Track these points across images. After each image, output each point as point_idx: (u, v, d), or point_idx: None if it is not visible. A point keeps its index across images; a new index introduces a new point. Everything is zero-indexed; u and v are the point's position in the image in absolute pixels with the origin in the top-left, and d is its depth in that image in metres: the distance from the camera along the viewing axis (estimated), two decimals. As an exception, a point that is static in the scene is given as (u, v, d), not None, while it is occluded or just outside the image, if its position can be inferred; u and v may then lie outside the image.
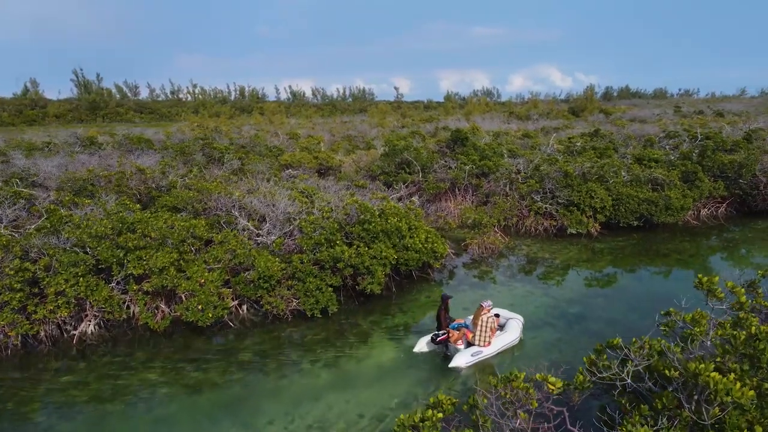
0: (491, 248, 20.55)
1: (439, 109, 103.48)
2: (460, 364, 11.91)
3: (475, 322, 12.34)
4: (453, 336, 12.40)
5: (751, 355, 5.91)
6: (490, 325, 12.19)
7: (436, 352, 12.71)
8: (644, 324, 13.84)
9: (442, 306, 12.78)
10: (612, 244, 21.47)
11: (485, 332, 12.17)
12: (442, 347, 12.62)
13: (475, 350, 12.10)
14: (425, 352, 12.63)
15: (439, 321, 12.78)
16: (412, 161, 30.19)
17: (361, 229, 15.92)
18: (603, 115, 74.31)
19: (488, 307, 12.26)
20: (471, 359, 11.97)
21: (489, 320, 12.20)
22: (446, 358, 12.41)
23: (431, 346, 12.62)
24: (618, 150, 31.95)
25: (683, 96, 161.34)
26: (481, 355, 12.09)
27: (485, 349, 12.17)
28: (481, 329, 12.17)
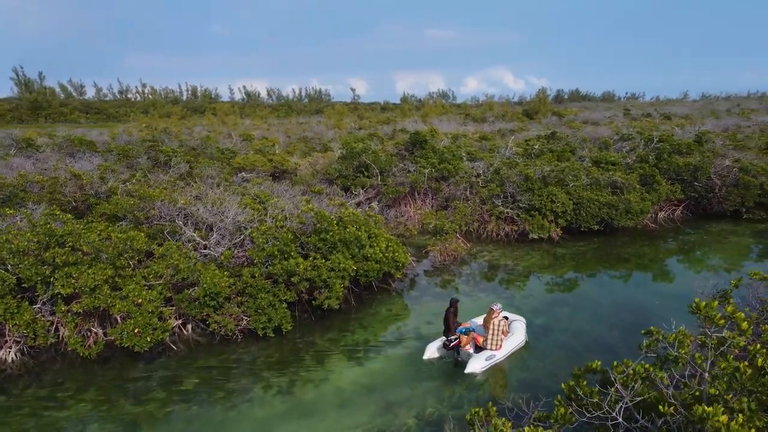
0: (453, 255, 19.85)
1: (396, 111, 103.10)
2: (476, 369, 11.68)
3: (487, 325, 12.21)
4: (462, 340, 12.14)
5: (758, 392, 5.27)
6: (501, 328, 12.10)
7: (445, 359, 12.34)
8: (612, 335, 13.44)
9: (450, 309, 12.44)
10: (574, 249, 21.12)
11: (497, 335, 12.08)
12: (453, 353, 12.28)
13: (488, 354, 11.95)
14: (435, 358, 12.26)
15: (448, 325, 12.36)
16: (371, 164, 29.28)
17: (317, 239, 14.88)
18: (556, 117, 75.51)
19: (498, 310, 12.15)
20: (485, 364, 11.81)
21: (501, 323, 12.10)
22: (457, 363, 12.14)
23: (442, 351, 12.30)
24: (575, 152, 31.95)
25: (630, 99, 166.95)
26: (494, 359, 11.96)
27: (497, 352, 12.06)
28: (493, 333, 12.08)
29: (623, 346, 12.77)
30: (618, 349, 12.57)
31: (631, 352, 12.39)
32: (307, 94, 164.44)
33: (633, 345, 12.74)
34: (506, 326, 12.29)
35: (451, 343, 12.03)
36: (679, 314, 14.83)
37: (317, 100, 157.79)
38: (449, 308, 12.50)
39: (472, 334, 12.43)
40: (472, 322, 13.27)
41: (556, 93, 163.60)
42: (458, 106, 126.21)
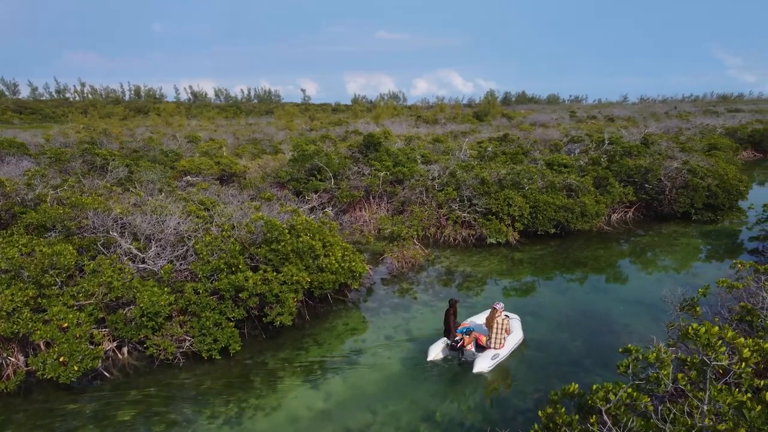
0: (411, 262, 19.16)
1: (348, 112, 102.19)
2: (483, 369, 11.71)
3: (490, 324, 12.30)
4: (464, 340, 12.22)
5: (767, 430, 4.74)
6: (504, 327, 12.26)
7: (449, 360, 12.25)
8: (577, 346, 13.02)
9: (450, 310, 12.47)
10: (531, 254, 20.82)
11: (500, 334, 12.21)
12: (458, 353, 12.22)
13: (493, 353, 12.04)
14: (440, 359, 12.23)
15: (448, 326, 12.39)
16: (324, 167, 28.30)
17: (268, 250, 13.83)
18: (506, 119, 76.48)
19: (501, 309, 12.31)
20: (492, 363, 11.88)
21: (503, 322, 12.25)
22: (461, 363, 12.09)
23: (446, 352, 12.33)
24: (527, 155, 31.96)
25: (574, 102, 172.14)
26: (499, 357, 12.06)
27: (501, 351, 12.18)
28: (497, 331, 12.21)
29: (590, 357, 12.37)
30: (584, 362, 12.16)
31: (599, 364, 12.02)
32: (256, 94, 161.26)
33: (600, 356, 12.38)
34: (508, 325, 12.48)
35: (457, 343, 12.03)
36: (643, 321, 14.65)
37: (267, 100, 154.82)
38: (449, 309, 12.49)
39: (474, 334, 12.61)
40: (471, 321, 13.48)
41: (504, 95, 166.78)
42: (409, 107, 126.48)
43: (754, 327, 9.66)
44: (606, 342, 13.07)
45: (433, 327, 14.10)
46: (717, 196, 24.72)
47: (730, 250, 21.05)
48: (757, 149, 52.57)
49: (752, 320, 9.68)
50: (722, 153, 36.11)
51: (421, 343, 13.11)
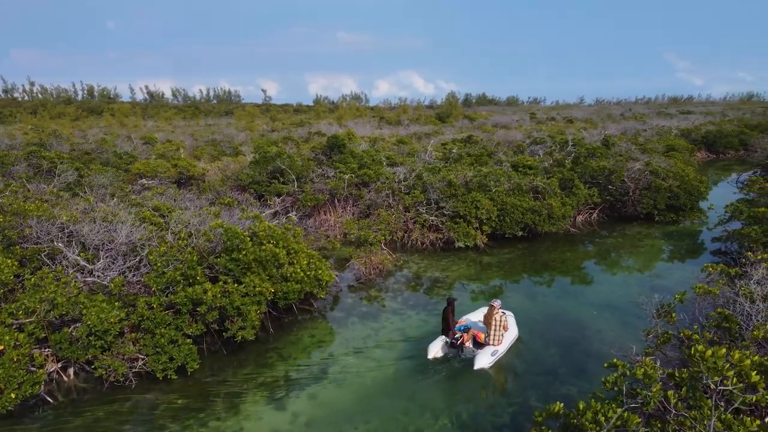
0: (379, 267, 18.58)
1: (310, 113, 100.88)
2: (485, 365, 11.93)
3: (488, 321, 12.50)
4: (464, 338, 12.52)
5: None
6: (502, 324, 12.46)
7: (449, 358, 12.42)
8: (551, 354, 12.72)
9: (448, 308, 12.63)
10: (500, 257, 20.54)
11: (499, 331, 12.42)
12: (457, 351, 12.45)
13: (493, 350, 12.27)
14: (440, 357, 12.41)
15: (447, 324, 12.56)
16: (286, 170, 27.45)
17: (228, 260, 13.01)
18: (468, 120, 76.76)
19: (498, 306, 12.50)
20: (492, 359, 12.10)
21: (501, 319, 12.45)
22: (461, 361, 12.28)
23: (445, 350, 12.53)
24: (492, 156, 31.85)
25: (533, 103, 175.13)
26: (498, 354, 12.29)
27: (500, 347, 12.41)
28: (495, 328, 12.42)
29: (565, 365, 12.04)
30: (559, 371, 11.82)
31: (574, 373, 11.69)
32: (215, 94, 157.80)
33: (575, 365, 12.06)
34: (506, 322, 12.66)
35: (457, 341, 12.30)
36: (615, 326, 14.41)
37: (227, 101, 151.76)
38: (447, 307, 12.67)
39: (472, 331, 12.84)
40: (466, 319, 13.69)
41: (465, 97, 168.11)
42: (372, 108, 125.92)
43: (732, 334, 9.47)
44: (580, 349, 12.80)
45: (404, 336, 13.60)
46: (679, 197, 25.05)
47: (694, 250, 21.26)
48: (710, 150, 54.14)
49: (730, 327, 9.49)
50: (680, 154, 36.87)
51: (392, 354, 12.57)
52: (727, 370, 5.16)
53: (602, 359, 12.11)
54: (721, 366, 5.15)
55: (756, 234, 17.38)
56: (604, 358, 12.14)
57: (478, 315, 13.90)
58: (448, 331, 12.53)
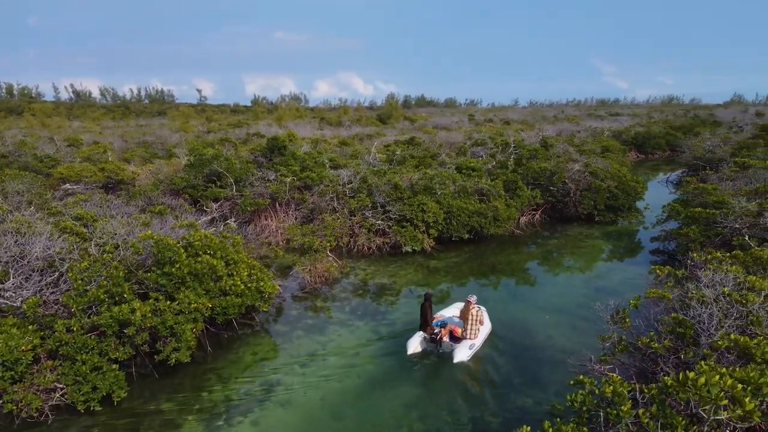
0: (324, 275, 17.78)
1: (248, 114, 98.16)
2: (464, 358, 12.23)
3: (465, 316, 12.86)
4: (442, 333, 12.80)
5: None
6: (478, 318, 12.89)
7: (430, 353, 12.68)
8: (501, 361, 12.46)
9: (426, 304, 12.95)
10: (447, 261, 20.21)
11: (475, 325, 12.80)
12: (436, 346, 12.70)
13: (470, 343, 12.57)
14: (419, 352, 12.65)
15: (425, 319, 12.88)
16: (224, 173, 26.15)
17: (160, 275, 11.87)
18: (408, 122, 76.87)
19: (474, 301, 12.92)
20: (469, 352, 12.40)
21: (477, 313, 12.87)
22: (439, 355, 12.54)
23: (424, 345, 12.79)
24: (435, 158, 31.65)
25: (470, 105, 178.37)
26: (475, 347, 12.62)
27: (476, 341, 12.74)
28: (472, 323, 12.76)
29: (519, 375, 11.70)
30: (514, 381, 11.46)
31: (528, 382, 11.34)
32: (147, 94, 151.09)
33: (529, 374, 11.70)
34: (482, 316, 13.22)
35: (436, 336, 12.61)
36: (564, 331, 14.17)
37: (159, 100, 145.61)
38: (425, 302, 12.98)
39: (449, 326, 13.11)
40: (441, 314, 13.97)
41: (404, 98, 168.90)
42: (312, 109, 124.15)
43: (687, 339, 9.35)
44: (533, 356, 12.51)
45: (352, 350, 12.89)
46: (617, 198, 25.64)
47: (634, 250, 21.71)
48: (639, 151, 56.50)
49: (685, 332, 9.37)
50: (614, 155, 38.05)
51: (339, 371, 11.84)
52: (722, 398, 4.82)
53: (556, 366, 11.89)
54: (716, 395, 4.79)
55: (694, 234, 17.82)
56: (557, 365, 11.92)
57: (452, 310, 14.40)
58: (425, 327, 12.86)
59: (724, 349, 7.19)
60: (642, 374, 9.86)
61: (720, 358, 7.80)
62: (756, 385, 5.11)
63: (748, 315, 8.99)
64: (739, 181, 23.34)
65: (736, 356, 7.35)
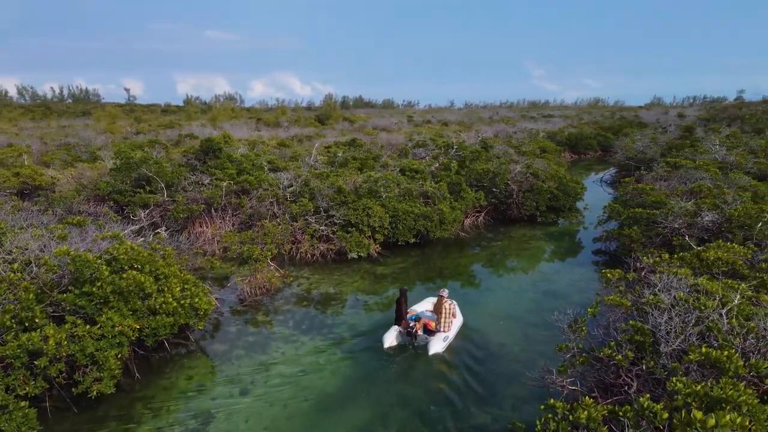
0: (265, 286, 16.74)
1: (181, 114, 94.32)
2: (438, 350, 12.68)
3: (439, 310, 13.30)
4: (417, 326, 13.18)
5: None
6: (451, 311, 13.36)
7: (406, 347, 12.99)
8: (456, 374, 11.82)
9: (401, 299, 13.32)
10: (394, 267, 19.60)
11: (448, 318, 13.25)
12: (411, 339, 13.04)
13: (444, 336, 13.03)
14: (395, 345, 13.00)
15: (400, 313, 13.24)
16: (154, 177, 24.48)
17: (78, 295, 10.55)
18: (348, 123, 76.04)
19: (446, 295, 13.37)
20: (444, 344, 12.87)
21: (450, 307, 13.33)
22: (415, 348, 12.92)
23: (400, 339, 13.13)
24: (377, 160, 31.07)
25: (407, 106, 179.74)
26: (448, 339, 13.08)
27: (449, 333, 13.21)
28: (445, 316, 13.21)
29: (474, 389, 11.19)
30: (468, 396, 10.91)
31: (486, 399, 10.82)
32: (70, 93, 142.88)
33: (486, 388, 11.18)
34: (454, 309, 13.75)
35: (413, 329, 12.97)
36: (517, 338, 13.77)
37: (84, 100, 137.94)
38: (400, 297, 13.35)
39: (423, 320, 13.55)
40: (414, 310, 14.31)
41: (343, 99, 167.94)
42: (248, 110, 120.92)
43: (646, 347, 9.10)
44: (487, 368, 12.03)
45: (297, 369, 11.99)
46: (558, 198, 25.90)
47: (577, 251, 21.88)
48: (572, 151, 58.25)
49: (644, 340, 9.12)
50: (551, 155, 38.86)
51: (284, 393, 10.93)
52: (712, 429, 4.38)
53: (512, 379, 11.47)
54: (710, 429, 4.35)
55: (636, 234, 18.04)
56: (513, 377, 11.51)
57: (425, 305, 14.84)
58: (400, 321, 13.20)
59: (696, 363, 6.89)
60: (602, 385, 9.56)
61: (688, 370, 7.53)
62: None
63: (706, 321, 8.83)
64: (673, 181, 24.09)
65: (707, 368, 7.07)
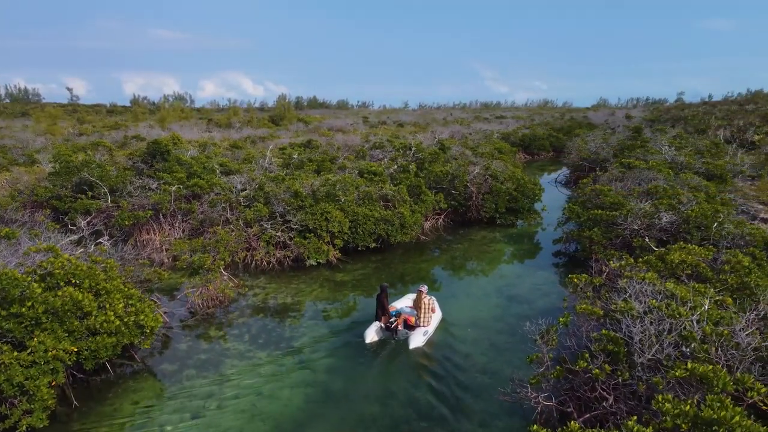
0: (218, 298, 15.79)
1: (127, 115, 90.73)
2: (419, 344, 13.03)
3: (418, 305, 13.64)
4: (397, 322, 13.50)
5: None
6: (430, 307, 13.73)
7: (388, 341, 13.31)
8: (422, 388, 11.26)
9: (382, 295, 13.67)
10: (354, 273, 18.96)
11: (428, 313, 13.60)
12: (392, 334, 13.34)
13: (424, 330, 13.35)
14: (376, 341, 13.28)
15: (382, 309, 13.58)
16: (96, 182, 23.03)
17: (4, 317, 9.44)
18: (302, 123, 74.80)
19: (426, 291, 13.69)
20: (424, 338, 13.20)
21: (430, 302, 13.71)
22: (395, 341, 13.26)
23: (380, 334, 13.43)
24: (334, 162, 30.36)
25: (362, 107, 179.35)
26: (428, 334, 13.41)
27: (429, 328, 13.53)
28: (424, 311, 13.56)
29: (442, 405, 10.64)
30: (433, 413, 10.34)
31: (456, 416, 10.32)
32: (8, 93, 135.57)
33: (454, 403, 10.66)
34: (433, 304, 14.15)
35: (392, 324, 13.31)
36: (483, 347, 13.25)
37: (23, 100, 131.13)
38: (380, 294, 13.70)
39: (403, 316, 13.82)
40: (393, 306, 14.55)
41: (297, 100, 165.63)
42: (199, 110, 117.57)
43: (620, 358, 8.80)
44: (455, 381, 11.50)
45: (255, 390, 11.14)
46: (517, 200, 25.85)
47: (538, 253, 21.80)
48: (526, 152, 59.02)
49: (619, 350, 8.82)
50: (507, 156, 39.03)
51: (241, 417, 10.12)
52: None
53: (480, 393, 11.00)
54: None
55: (597, 236, 18.01)
56: (481, 391, 11.05)
57: (404, 301, 15.15)
58: (381, 317, 13.50)
59: (680, 378, 6.57)
60: (576, 398, 9.22)
61: (669, 384, 7.21)
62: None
63: (681, 330, 8.59)
64: (628, 182, 24.38)
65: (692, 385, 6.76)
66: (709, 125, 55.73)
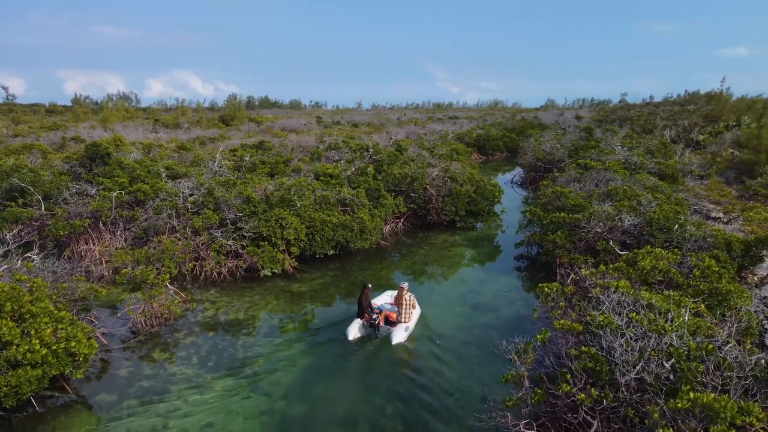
0: (164, 315, 14.52)
1: (67, 115, 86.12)
2: (401, 339, 13.29)
3: (399, 302, 13.96)
4: (379, 319, 13.77)
5: None
6: (411, 303, 14.03)
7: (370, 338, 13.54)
8: (387, 411, 10.47)
9: (364, 293, 13.89)
10: (312, 283, 17.97)
11: (408, 309, 13.89)
12: (374, 330, 13.64)
13: (405, 326, 13.61)
14: (358, 337, 13.52)
15: (362, 306, 13.83)
16: (28, 188, 21.16)
17: None
18: (254, 124, 72.81)
19: (406, 288, 13.92)
20: (405, 334, 13.45)
21: (410, 299, 13.98)
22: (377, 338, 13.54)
23: (362, 331, 13.71)
24: (288, 164, 29.22)
25: (315, 107, 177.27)
26: (409, 330, 13.66)
27: (410, 323, 13.83)
28: (405, 307, 13.87)
29: (409, 425, 9.86)
30: None
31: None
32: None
33: (418, 422, 9.97)
34: (414, 301, 14.31)
35: (375, 321, 13.63)
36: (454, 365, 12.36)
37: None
38: (362, 292, 13.92)
39: (384, 312, 14.13)
40: (375, 302, 14.71)
41: (248, 99, 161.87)
42: (145, 110, 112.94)
43: (602, 377, 8.23)
44: (421, 404, 10.74)
45: (205, 421, 10.06)
46: (477, 203, 25.41)
47: (500, 257, 21.40)
48: (481, 152, 59.20)
49: (600, 370, 8.25)
50: (463, 157, 38.74)
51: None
52: None
53: (451, 418, 10.21)
54: None
55: (561, 239, 17.67)
56: (451, 415, 10.28)
57: (384, 298, 15.41)
58: (363, 314, 13.78)
59: (683, 410, 5.99)
60: (557, 419, 8.61)
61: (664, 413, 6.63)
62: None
63: (666, 347, 8.09)
64: (586, 183, 24.33)
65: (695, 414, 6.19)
66: (656, 125, 57.30)
